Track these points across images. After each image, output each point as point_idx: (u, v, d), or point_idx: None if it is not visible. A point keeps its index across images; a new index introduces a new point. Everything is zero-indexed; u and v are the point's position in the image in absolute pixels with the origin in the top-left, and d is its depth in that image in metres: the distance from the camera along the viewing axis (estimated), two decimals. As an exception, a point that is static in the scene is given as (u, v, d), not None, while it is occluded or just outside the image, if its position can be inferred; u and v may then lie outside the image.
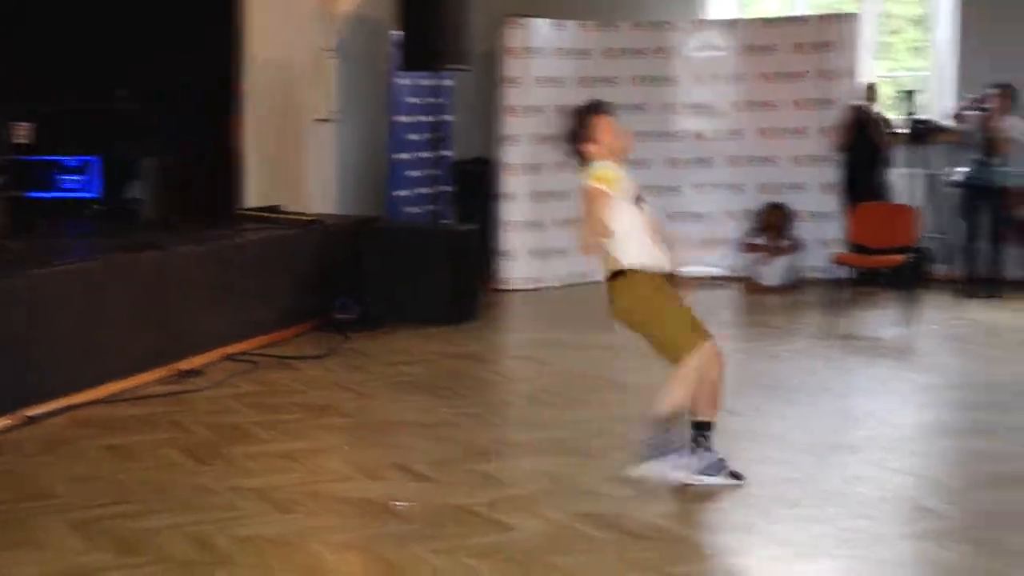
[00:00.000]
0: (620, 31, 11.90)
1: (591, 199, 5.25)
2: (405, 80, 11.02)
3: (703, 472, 5.34)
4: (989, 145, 10.86)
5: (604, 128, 5.41)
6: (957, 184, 11.21)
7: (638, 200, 5.41)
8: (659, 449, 5.30)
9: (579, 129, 5.42)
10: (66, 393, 6.77)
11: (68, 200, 9.71)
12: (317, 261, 9.33)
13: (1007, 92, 10.94)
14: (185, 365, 7.66)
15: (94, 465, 5.78)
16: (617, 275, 5.39)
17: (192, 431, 6.38)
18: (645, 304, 5.41)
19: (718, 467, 5.38)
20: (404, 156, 11.19)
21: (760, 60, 11.92)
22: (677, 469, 5.32)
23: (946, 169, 11.32)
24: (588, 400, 7.09)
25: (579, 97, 11.40)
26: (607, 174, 5.27)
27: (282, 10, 10.33)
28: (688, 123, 12.06)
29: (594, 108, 5.49)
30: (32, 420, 6.45)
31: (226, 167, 9.95)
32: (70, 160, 9.63)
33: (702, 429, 5.39)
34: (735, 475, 5.40)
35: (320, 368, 7.99)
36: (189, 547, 4.66)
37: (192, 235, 8.43)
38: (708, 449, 5.39)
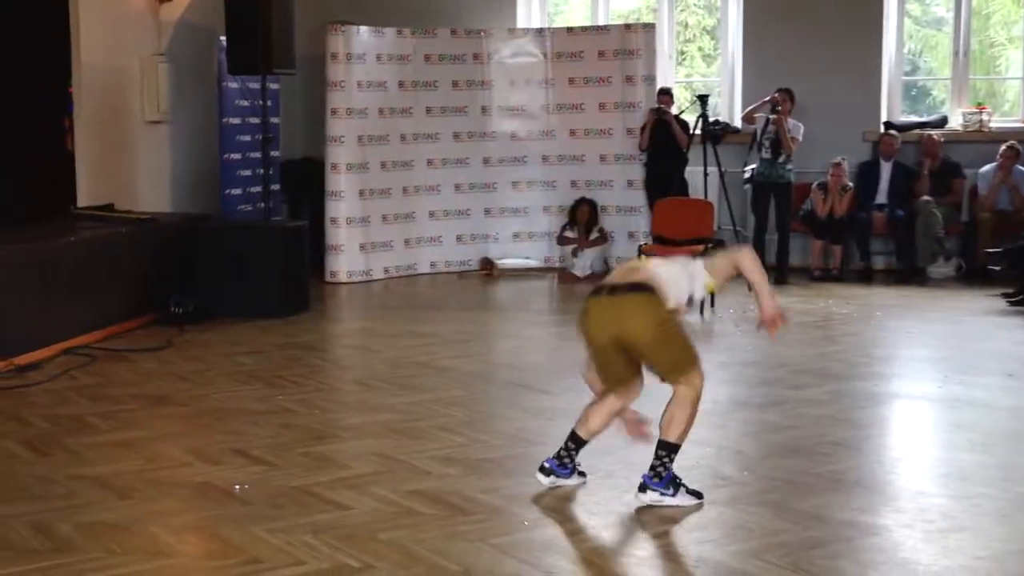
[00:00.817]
0: (438, 38, 11.93)
1: None
2: (234, 83, 10.87)
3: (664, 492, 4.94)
4: (775, 145, 11.23)
5: None
6: (748, 181, 11.57)
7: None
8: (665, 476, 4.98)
9: None
10: (-98, 390, 6.52)
11: None
12: (152, 257, 9.14)
13: (788, 95, 11.33)
14: (22, 360, 7.43)
15: (-67, 459, 5.58)
16: (640, 290, 5.00)
17: (31, 423, 6.20)
18: (664, 326, 4.98)
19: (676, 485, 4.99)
20: (235, 156, 11.05)
21: (568, 66, 12.09)
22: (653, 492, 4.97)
23: (738, 167, 11.65)
24: (414, 385, 7.10)
25: (400, 100, 11.55)
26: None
27: (112, 15, 10.09)
28: (504, 124, 12.16)
29: None
30: None
31: (58, 167, 9.67)
32: None
33: (671, 451, 5.00)
34: (694, 493, 5.01)
35: (157, 360, 7.83)
36: (31, 535, 4.55)
37: (26, 233, 8.17)
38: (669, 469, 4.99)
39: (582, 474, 5.22)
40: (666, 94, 11.78)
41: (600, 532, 4.62)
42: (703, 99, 11.08)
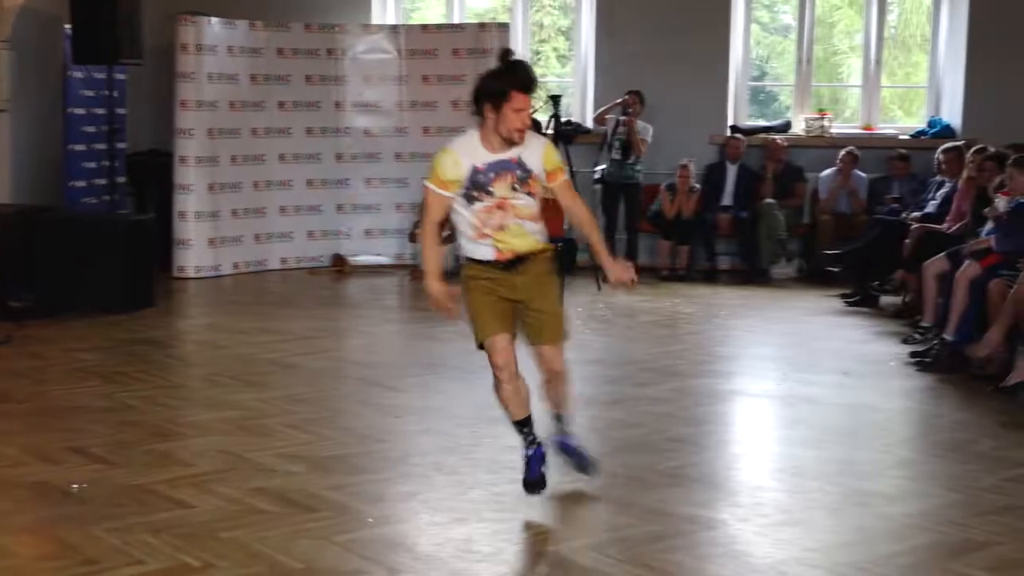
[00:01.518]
0: (292, 32, 11.81)
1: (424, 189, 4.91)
2: (78, 73, 10.62)
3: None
4: (625, 146, 11.42)
5: (519, 104, 4.67)
6: (598, 181, 11.73)
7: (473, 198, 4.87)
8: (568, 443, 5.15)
9: (493, 94, 4.68)
10: None
11: None
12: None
13: (638, 97, 11.52)
14: None
15: None
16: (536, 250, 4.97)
17: None
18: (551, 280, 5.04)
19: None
20: (79, 147, 10.79)
21: (422, 63, 12.09)
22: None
23: (589, 167, 11.80)
24: (261, 382, 7.03)
25: (251, 93, 11.41)
26: (444, 173, 4.82)
27: (-49, 0, 9.76)
28: (358, 121, 12.11)
29: (525, 78, 4.70)
30: None
31: None
32: None
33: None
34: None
35: (-6, 356, 7.62)
36: None
37: None
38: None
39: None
40: (519, 93, 11.84)
41: (444, 529, 4.65)
42: (555, 99, 11.17)
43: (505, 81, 4.66)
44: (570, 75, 13.17)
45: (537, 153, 4.80)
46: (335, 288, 11.11)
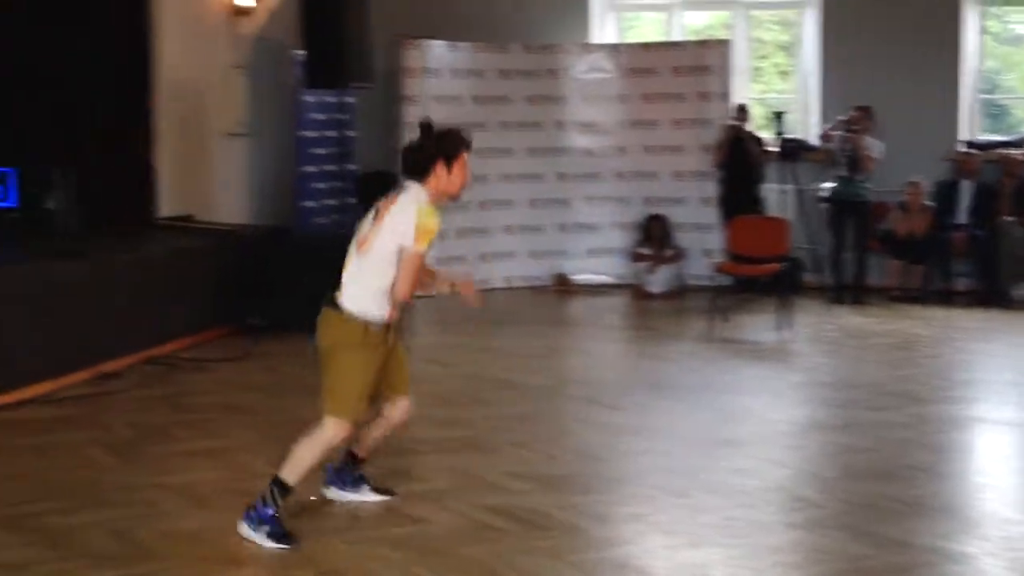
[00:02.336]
0: (512, 53, 11.98)
1: (416, 256, 4.79)
2: (310, 97, 10.99)
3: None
4: (853, 163, 11.13)
5: (465, 161, 4.87)
6: (825, 199, 11.47)
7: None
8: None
9: (449, 152, 4.83)
10: (-10, 396, 6.66)
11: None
12: (230, 268, 9.24)
13: (867, 113, 11.23)
14: (105, 368, 7.55)
15: (20, 464, 5.70)
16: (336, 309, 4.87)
17: (114, 430, 6.31)
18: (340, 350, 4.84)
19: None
20: (311, 169, 11.14)
21: (642, 82, 12.08)
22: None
23: (815, 185, 11.57)
24: (487, 400, 7.13)
25: (474, 114, 11.61)
26: (432, 226, 4.79)
27: (191, 30, 10.25)
28: (577, 140, 12.18)
29: (464, 142, 4.86)
30: (-45, 422, 6.34)
31: (140, 178, 9.82)
32: (-13, 171, 9.42)
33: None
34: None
35: (235, 371, 7.93)
36: (113, 542, 4.63)
37: (110, 244, 8.32)
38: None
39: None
40: (741, 110, 11.73)
41: (676, 552, 4.60)
42: (779, 116, 11.02)
43: (455, 142, 4.84)
44: (792, 91, 12.95)
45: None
46: (557, 307, 11.18)
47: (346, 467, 5.19)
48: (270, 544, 4.58)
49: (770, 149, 11.36)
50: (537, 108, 12.04)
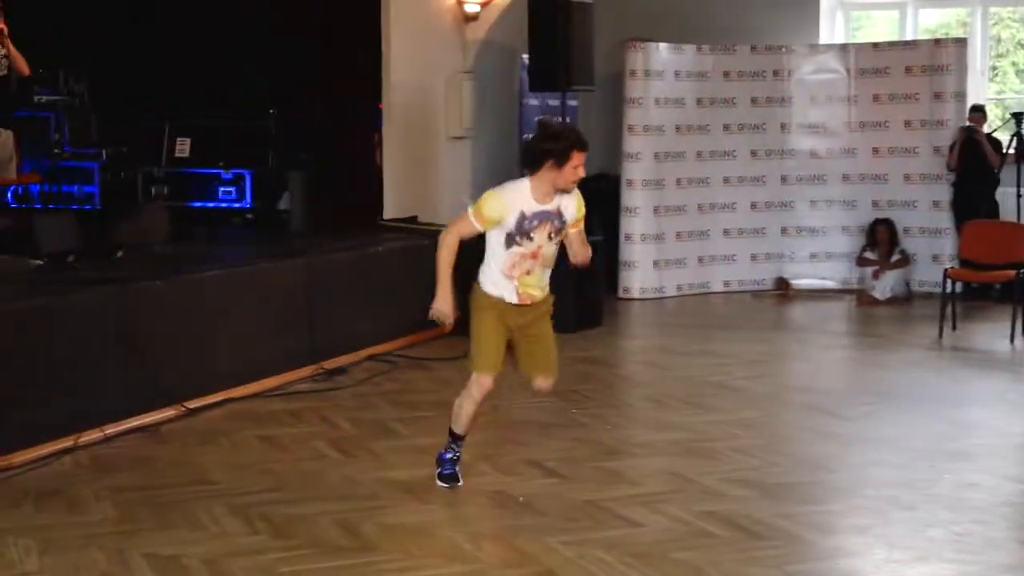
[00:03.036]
0: (738, 54, 11.81)
1: (463, 216, 5.45)
2: (533, 100, 11.08)
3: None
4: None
5: (578, 161, 5.23)
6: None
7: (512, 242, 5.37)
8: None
9: (559, 153, 5.18)
10: (222, 388, 6.92)
11: (223, 210, 9.93)
12: (452, 269, 9.37)
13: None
14: (330, 364, 7.77)
15: (249, 455, 5.92)
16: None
17: (338, 425, 6.49)
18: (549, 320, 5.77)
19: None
20: (532, 171, 11.22)
21: (872, 82, 11.73)
22: None
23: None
24: (706, 404, 7.03)
25: (697, 117, 11.49)
26: (488, 212, 5.35)
27: (421, 34, 10.45)
28: (803, 142, 11.91)
29: (577, 144, 5.23)
30: (192, 412, 6.61)
31: (367, 180, 10.09)
32: (225, 173, 9.84)
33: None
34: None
35: (455, 369, 7.99)
36: (337, 533, 4.74)
37: (337, 244, 8.56)
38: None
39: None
40: (978, 112, 11.27)
41: (902, 567, 4.43)
42: (1018, 117, 10.54)
43: (567, 144, 5.19)
44: (1034, 91, 12.39)
45: (572, 204, 5.35)
46: (778, 312, 10.96)
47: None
48: (440, 483, 5.36)
49: (1007, 151, 10.87)
50: (761, 110, 11.84)
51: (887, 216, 11.51)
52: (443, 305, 5.46)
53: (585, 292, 9.48)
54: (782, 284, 11.79)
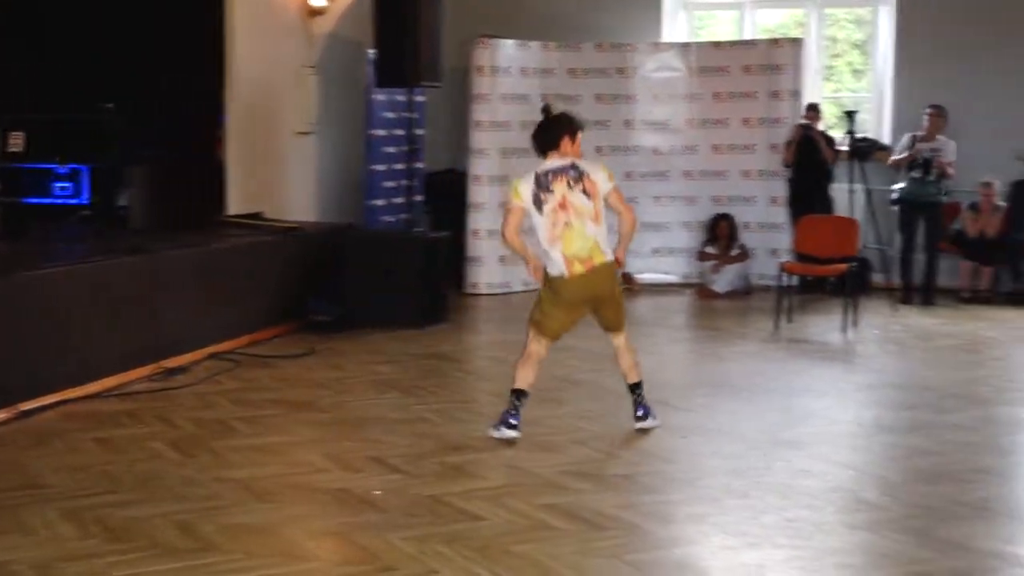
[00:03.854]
0: (583, 52, 11.95)
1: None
2: (381, 96, 11.04)
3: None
4: (926, 164, 10.95)
5: (579, 140, 6.13)
6: (897, 200, 11.30)
7: (543, 206, 6.08)
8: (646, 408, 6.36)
9: (573, 130, 6.08)
10: (58, 388, 6.74)
11: (59, 206, 9.64)
12: (297, 266, 9.32)
13: (940, 113, 11.04)
14: (170, 363, 7.63)
15: (84, 457, 5.76)
16: (603, 262, 6.12)
17: (178, 425, 6.37)
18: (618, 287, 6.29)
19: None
20: (379, 167, 11.20)
21: (712, 80, 11.99)
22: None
23: (885, 185, 11.41)
24: (550, 398, 7.08)
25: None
26: (522, 190, 6.07)
27: (265, 29, 10.33)
28: (646, 139, 12.11)
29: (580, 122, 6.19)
30: (25, 414, 6.43)
31: (210, 176, 9.92)
32: (61, 168, 9.56)
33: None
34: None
35: (299, 367, 7.98)
36: (176, 535, 4.66)
37: (179, 241, 8.40)
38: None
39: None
40: (813, 110, 11.60)
41: (736, 553, 4.54)
42: (851, 115, 10.88)
43: (573, 122, 6.15)
44: (865, 89, 12.78)
45: (599, 171, 6.11)
46: (622, 306, 11.10)
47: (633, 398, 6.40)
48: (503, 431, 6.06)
49: (841, 148, 11.21)
50: (606, 107, 11.99)
51: (727, 211, 11.78)
52: (537, 266, 6.17)
53: (431, 288, 9.50)
54: (626, 279, 11.95)
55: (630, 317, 6.52)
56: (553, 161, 6.01)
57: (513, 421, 6.08)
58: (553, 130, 6.08)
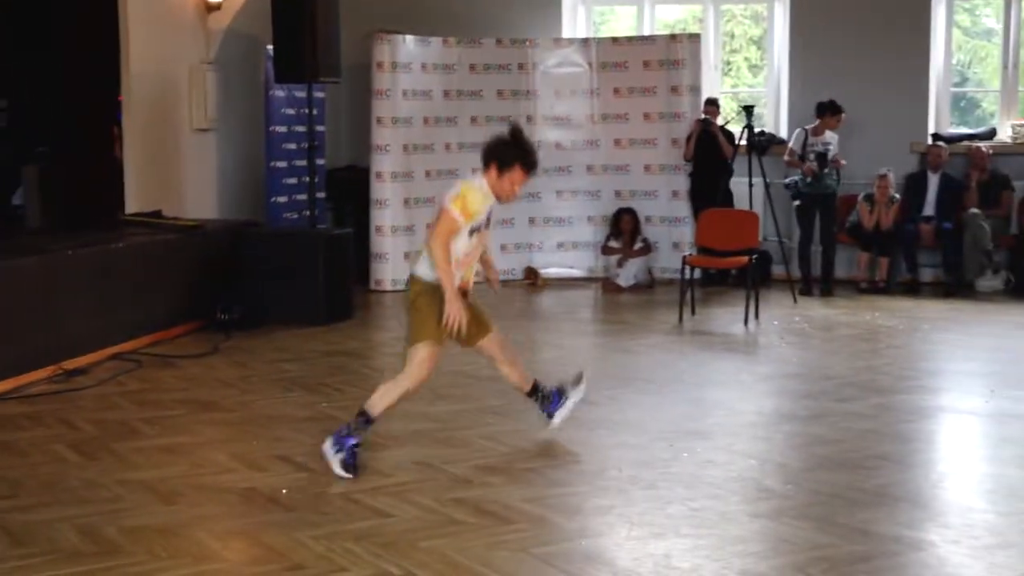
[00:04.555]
0: (484, 48, 11.97)
1: (446, 214, 5.39)
2: (280, 92, 10.96)
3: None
4: (821, 158, 11.16)
5: (517, 179, 5.43)
6: (794, 195, 11.49)
7: (474, 231, 5.49)
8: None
9: (504, 159, 5.38)
10: (-46, 393, 6.61)
11: (-48, 207, 9.47)
12: (199, 264, 9.22)
13: (834, 108, 11.26)
14: (71, 364, 7.52)
15: (-17, 462, 5.65)
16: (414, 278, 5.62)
17: (79, 427, 6.28)
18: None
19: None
20: (280, 164, 11.13)
21: (613, 76, 12.10)
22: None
23: (783, 179, 11.61)
24: (456, 394, 7.10)
25: (444, 109, 11.56)
26: (474, 206, 5.39)
27: (161, 25, 10.19)
28: (549, 134, 12.16)
29: (531, 161, 5.45)
30: (-80, 419, 6.29)
31: (108, 174, 9.78)
32: (-47, 168, 9.38)
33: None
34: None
35: (203, 366, 7.90)
36: (78, 538, 4.59)
37: (76, 240, 8.26)
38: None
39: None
40: (712, 104, 11.76)
41: (642, 544, 4.60)
42: (748, 110, 11.04)
43: (515, 155, 5.39)
44: (763, 85, 12.99)
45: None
46: (528, 301, 11.18)
47: (538, 400, 6.09)
48: (342, 473, 5.39)
49: (739, 143, 11.37)
50: (508, 103, 12.03)
51: (630, 206, 11.89)
52: (457, 310, 5.41)
53: (335, 284, 9.46)
54: (531, 274, 12.02)
55: (538, 312, 6.57)
56: (492, 199, 5.49)
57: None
58: (489, 151, 5.44)
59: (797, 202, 11.45)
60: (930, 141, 11.79)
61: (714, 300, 10.77)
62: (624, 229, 11.74)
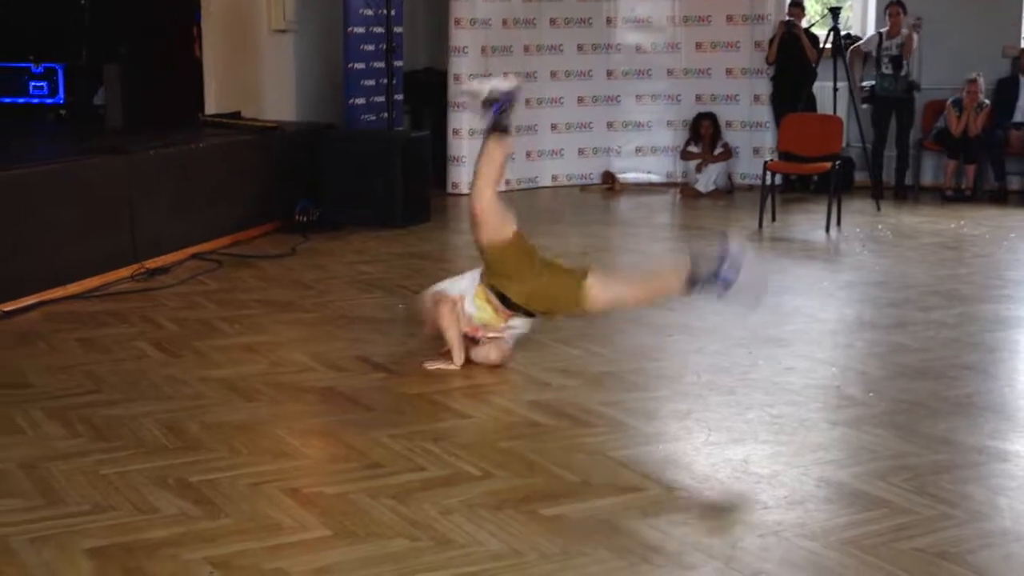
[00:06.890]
0: (564, -51, 11.77)
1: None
2: (358, -8, 10.86)
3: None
4: (896, 60, 10.90)
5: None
6: (868, 98, 11.27)
7: None
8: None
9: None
10: (39, 289, 6.70)
11: (35, 105, 9.52)
12: (277, 166, 9.24)
13: (901, 9, 10.99)
14: (153, 263, 7.59)
15: (68, 357, 5.74)
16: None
17: (161, 325, 6.35)
18: None
19: None
20: (358, 66, 11.04)
21: (696, -24, 11.86)
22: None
23: (864, 84, 11.38)
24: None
25: (523, 11, 11.40)
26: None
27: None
28: (628, 36, 11.98)
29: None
30: (7, 315, 6.39)
31: (187, 74, 9.77)
32: (35, 67, 9.42)
33: None
34: None
35: (281, 267, 7.95)
36: (161, 433, 4.65)
37: (157, 140, 8.30)
38: None
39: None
40: (797, 6, 11.49)
41: (720, 449, 4.57)
42: (835, 12, 10.78)
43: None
44: (850, -14, 12.66)
45: None
46: (605, 205, 11.10)
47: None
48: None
49: (824, 46, 11.12)
50: (588, 4, 11.85)
51: (710, 110, 11.70)
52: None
53: (413, 187, 9.45)
54: (609, 178, 11.92)
55: (615, 216, 6.50)
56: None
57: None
58: None
59: (865, 106, 11.21)
60: (1023, 44, 11.43)
61: (794, 207, 10.61)
62: (704, 134, 11.58)
